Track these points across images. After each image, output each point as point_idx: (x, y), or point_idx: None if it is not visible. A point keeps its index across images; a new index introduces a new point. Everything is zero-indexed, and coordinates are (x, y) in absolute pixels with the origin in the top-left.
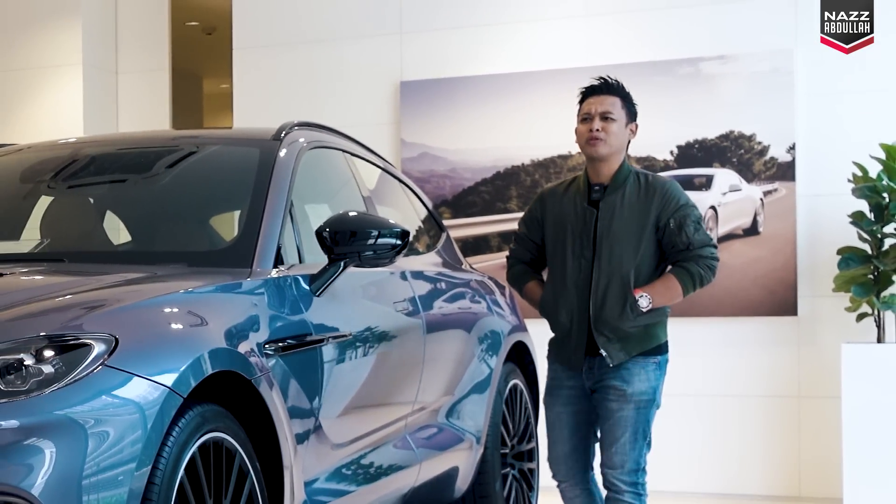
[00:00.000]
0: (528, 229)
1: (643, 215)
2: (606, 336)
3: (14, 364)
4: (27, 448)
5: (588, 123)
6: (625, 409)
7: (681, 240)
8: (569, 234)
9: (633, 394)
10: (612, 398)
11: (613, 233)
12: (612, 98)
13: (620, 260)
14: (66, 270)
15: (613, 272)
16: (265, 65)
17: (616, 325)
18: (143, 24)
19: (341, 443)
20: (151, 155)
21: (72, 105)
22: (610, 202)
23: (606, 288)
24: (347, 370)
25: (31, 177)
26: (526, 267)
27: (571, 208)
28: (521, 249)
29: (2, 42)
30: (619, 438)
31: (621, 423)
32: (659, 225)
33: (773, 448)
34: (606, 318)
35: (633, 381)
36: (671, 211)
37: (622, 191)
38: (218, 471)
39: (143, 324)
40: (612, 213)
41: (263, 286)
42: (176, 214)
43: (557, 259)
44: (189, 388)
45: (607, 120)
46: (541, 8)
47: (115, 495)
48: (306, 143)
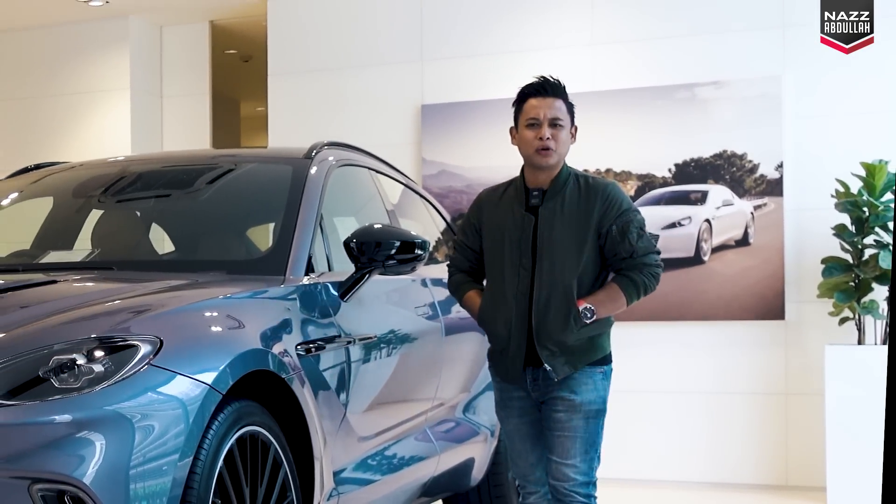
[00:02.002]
0: (465, 237)
1: (584, 222)
2: (550, 350)
3: (67, 363)
4: (79, 440)
5: (536, 130)
6: (574, 419)
7: (624, 247)
8: (506, 242)
9: (581, 403)
10: (561, 409)
11: (554, 241)
12: (559, 101)
13: (562, 270)
14: (114, 278)
15: (555, 283)
16: (297, 90)
17: (559, 338)
18: (186, 52)
19: (367, 436)
20: (193, 172)
21: (120, 126)
22: (549, 209)
23: (548, 300)
24: (372, 369)
25: (83, 192)
26: (465, 276)
27: (509, 215)
28: (460, 258)
29: (56, 68)
30: (569, 450)
31: (570, 435)
32: (601, 231)
33: (762, 440)
34: (549, 332)
35: (580, 390)
36: (613, 217)
37: (562, 196)
38: (254, 462)
39: (186, 326)
40: (552, 221)
41: (296, 292)
42: (216, 226)
43: (495, 269)
44: (227, 385)
45: (556, 126)
46: (549, 37)
47: (159, 484)
48: (335, 161)
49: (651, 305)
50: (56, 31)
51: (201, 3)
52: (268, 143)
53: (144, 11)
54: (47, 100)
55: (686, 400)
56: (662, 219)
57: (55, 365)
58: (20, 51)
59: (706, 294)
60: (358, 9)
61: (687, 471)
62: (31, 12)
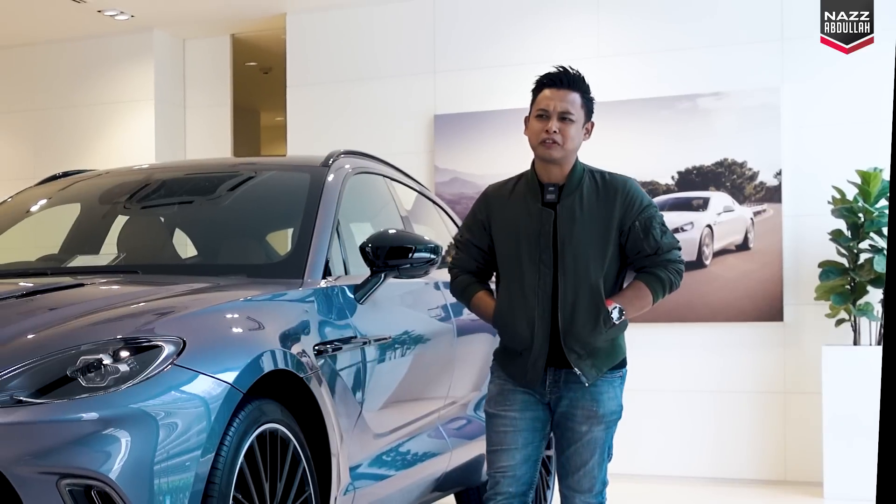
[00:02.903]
0: (472, 234)
1: (606, 219)
2: (577, 353)
3: (94, 363)
4: (106, 437)
5: (544, 122)
6: (595, 430)
7: (649, 244)
8: (522, 238)
9: (604, 414)
10: (581, 419)
11: (576, 238)
12: (573, 94)
13: (587, 268)
14: (139, 281)
15: (581, 282)
16: (315, 100)
17: (588, 339)
18: (208, 64)
19: (382, 433)
20: (215, 179)
21: (145, 135)
22: (568, 204)
23: (575, 299)
24: (387, 369)
25: (110, 198)
26: (471, 277)
27: (524, 210)
28: (466, 257)
29: (84, 80)
30: (587, 461)
31: (590, 446)
32: (623, 229)
33: (762, 437)
34: (578, 333)
35: (603, 399)
36: (635, 213)
37: (579, 191)
38: (273, 457)
39: (208, 328)
40: (573, 217)
41: (313, 295)
42: (236, 231)
43: (512, 265)
44: (248, 384)
45: (565, 121)
46: (556, 50)
47: (182, 479)
48: (351, 169)
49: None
50: (84, 44)
51: (223, 17)
52: (286, 152)
53: (169, 25)
54: (75, 110)
55: (688, 398)
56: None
57: (82, 365)
58: (50, 63)
59: (708, 297)
60: (373, 23)
61: (689, 466)
62: (60, 26)
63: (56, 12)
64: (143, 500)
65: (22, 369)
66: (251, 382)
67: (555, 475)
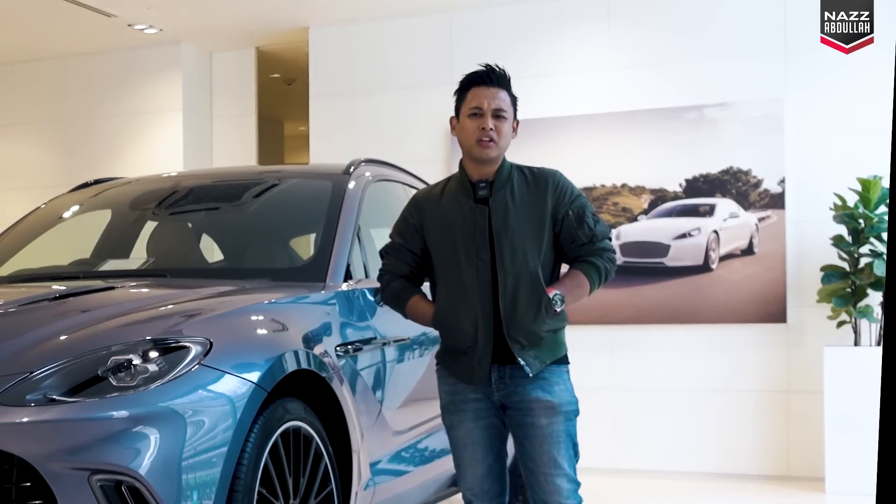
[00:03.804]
0: (404, 239)
1: (539, 209)
2: (521, 343)
3: (124, 363)
4: (135, 434)
5: (478, 120)
6: (555, 422)
7: (583, 232)
8: (458, 236)
9: (560, 404)
10: (540, 413)
11: (511, 229)
12: (503, 92)
13: (525, 258)
14: (167, 284)
15: (520, 272)
16: (337, 110)
17: (531, 328)
18: (234, 76)
19: (401, 430)
20: (240, 187)
21: (173, 144)
22: (500, 198)
23: (515, 290)
24: (406, 368)
25: (139, 205)
26: (404, 282)
27: (457, 209)
28: (398, 262)
29: (115, 91)
30: (555, 457)
31: (556, 440)
32: (556, 218)
33: (766, 434)
34: (521, 322)
35: (556, 391)
36: (567, 203)
37: (510, 185)
38: (297, 454)
39: (234, 329)
40: (506, 209)
41: (335, 297)
42: (261, 237)
43: (449, 265)
44: (272, 383)
45: (499, 118)
46: (568, 62)
47: (209, 474)
48: (371, 176)
49: (663, 309)
50: (114, 56)
51: (248, 30)
52: (309, 160)
53: (196, 38)
54: (106, 120)
55: (695, 397)
56: (674, 230)
57: (113, 365)
58: (82, 75)
59: (714, 299)
60: (392, 37)
61: (696, 462)
62: (92, 40)
63: (88, 27)
64: (171, 495)
65: (55, 369)
66: (275, 382)
67: None
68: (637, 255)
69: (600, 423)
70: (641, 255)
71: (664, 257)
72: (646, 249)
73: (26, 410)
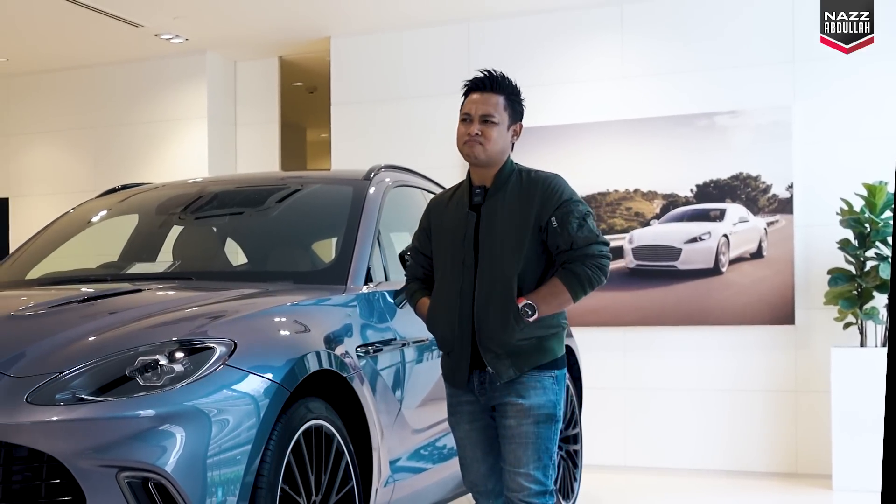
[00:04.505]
0: (419, 242)
1: (524, 215)
2: (494, 351)
3: (151, 364)
4: (162, 433)
5: (467, 125)
6: (524, 424)
7: (563, 239)
8: (450, 242)
9: (531, 407)
10: (511, 415)
11: (493, 238)
12: (496, 98)
13: (501, 266)
14: (193, 287)
15: (495, 280)
16: (358, 118)
17: (501, 338)
18: (258, 84)
19: (420, 428)
20: (264, 192)
21: (198, 151)
22: (490, 205)
23: (488, 298)
24: (425, 369)
25: (165, 210)
26: (420, 283)
27: (455, 215)
28: (415, 265)
29: (141, 99)
30: (520, 458)
31: (522, 441)
32: (541, 224)
33: (774, 433)
34: (491, 332)
35: (529, 394)
36: (552, 208)
37: (503, 192)
38: (318, 451)
39: (257, 330)
40: (493, 217)
41: (356, 300)
42: (284, 241)
43: (440, 271)
44: (295, 383)
45: (487, 123)
46: (583, 71)
47: (233, 471)
48: (391, 182)
49: (675, 311)
50: (141, 65)
51: (272, 40)
52: (331, 166)
53: (220, 48)
54: (133, 127)
55: (706, 396)
56: (685, 234)
57: (140, 365)
58: (110, 83)
59: (724, 301)
60: (411, 46)
61: (707, 459)
62: (119, 49)
63: (116, 36)
64: (196, 492)
65: (84, 369)
66: (297, 382)
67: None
68: (649, 259)
69: (613, 421)
70: (654, 258)
71: (676, 261)
72: (658, 253)
73: (56, 409)
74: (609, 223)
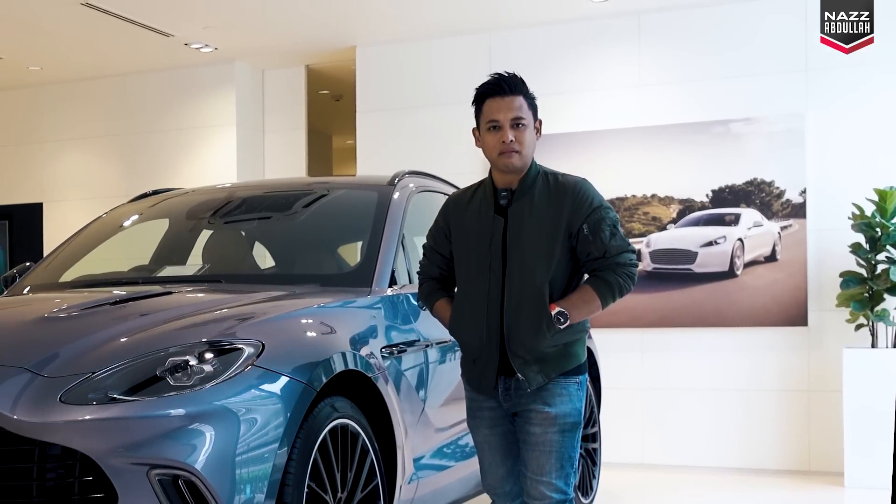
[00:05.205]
0: (435, 242)
1: (554, 221)
2: (523, 358)
3: (181, 364)
4: (192, 432)
5: (498, 133)
6: (549, 432)
7: (596, 247)
8: (475, 246)
9: (557, 416)
10: (535, 422)
11: (523, 242)
12: (518, 99)
13: (533, 272)
14: (222, 289)
15: (526, 286)
16: (382, 125)
17: (532, 345)
18: (285, 92)
19: (443, 427)
20: (291, 197)
21: (227, 157)
22: (518, 209)
23: (519, 304)
24: (448, 369)
25: (195, 214)
26: (435, 283)
27: (476, 217)
28: (430, 264)
29: (171, 106)
30: (543, 465)
31: (546, 449)
32: (571, 231)
33: (787, 431)
34: (522, 338)
35: (555, 402)
36: (584, 215)
37: (530, 195)
38: (344, 449)
39: (285, 332)
40: (522, 221)
41: (380, 302)
42: (311, 244)
43: (464, 274)
44: (321, 383)
45: (518, 127)
46: (601, 79)
47: (261, 469)
48: (415, 187)
49: (691, 313)
50: (172, 74)
51: (299, 49)
52: (356, 172)
53: (249, 57)
54: (164, 134)
55: (721, 396)
56: (701, 238)
57: (170, 365)
58: (141, 91)
59: (739, 303)
60: (434, 55)
61: (722, 457)
62: (150, 58)
63: (147, 46)
64: (225, 489)
65: (116, 369)
66: (324, 381)
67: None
68: (666, 262)
69: (631, 420)
70: (670, 261)
71: (692, 264)
72: (674, 256)
73: (89, 409)
74: (627, 227)
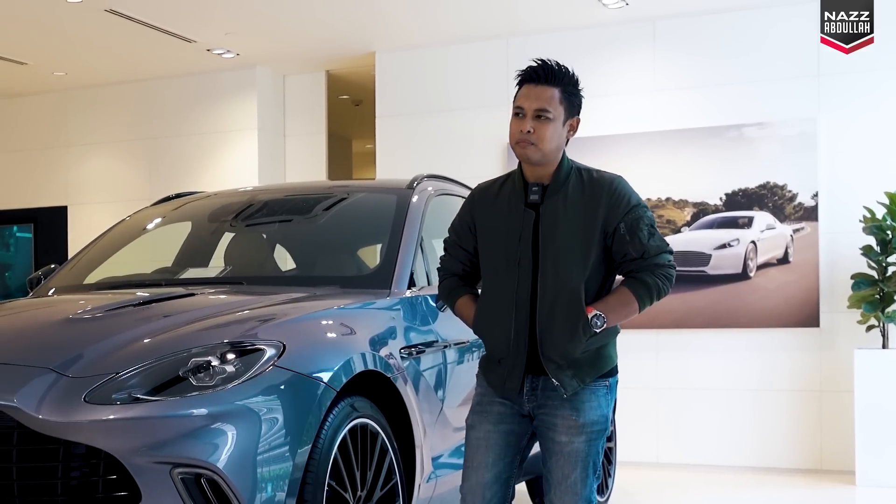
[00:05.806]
0: (458, 236)
1: (590, 220)
2: (556, 362)
3: (204, 365)
4: (214, 431)
5: (520, 121)
6: (576, 441)
7: (634, 247)
8: (503, 240)
9: (585, 424)
10: (562, 430)
11: (558, 241)
12: (551, 90)
13: (568, 273)
14: (244, 291)
15: (561, 287)
16: (401, 129)
17: (566, 349)
18: (306, 97)
19: (461, 427)
20: (312, 200)
21: (249, 161)
22: (551, 205)
23: (553, 306)
24: (465, 369)
25: (217, 217)
26: (457, 280)
27: (506, 211)
28: (452, 260)
29: (194, 111)
30: (569, 475)
31: (572, 458)
32: (608, 230)
33: (800, 431)
34: (556, 342)
35: (584, 409)
36: (621, 214)
37: (564, 191)
38: (364, 448)
39: (306, 333)
40: (555, 218)
41: (399, 303)
42: (331, 247)
43: (491, 270)
44: (341, 383)
45: (541, 119)
46: (617, 84)
47: (282, 468)
48: (433, 190)
49: (705, 315)
50: (194, 79)
51: (319, 55)
52: (376, 176)
53: (270, 62)
54: (186, 138)
55: (734, 396)
56: (715, 240)
57: (193, 366)
58: (164, 96)
59: (752, 305)
60: (453, 60)
61: (735, 456)
62: (173, 64)
63: (170, 51)
64: (247, 487)
65: (139, 370)
66: (344, 382)
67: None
68: (680, 264)
69: (646, 420)
70: (684, 263)
71: (706, 266)
72: (688, 258)
73: (113, 408)
74: None
